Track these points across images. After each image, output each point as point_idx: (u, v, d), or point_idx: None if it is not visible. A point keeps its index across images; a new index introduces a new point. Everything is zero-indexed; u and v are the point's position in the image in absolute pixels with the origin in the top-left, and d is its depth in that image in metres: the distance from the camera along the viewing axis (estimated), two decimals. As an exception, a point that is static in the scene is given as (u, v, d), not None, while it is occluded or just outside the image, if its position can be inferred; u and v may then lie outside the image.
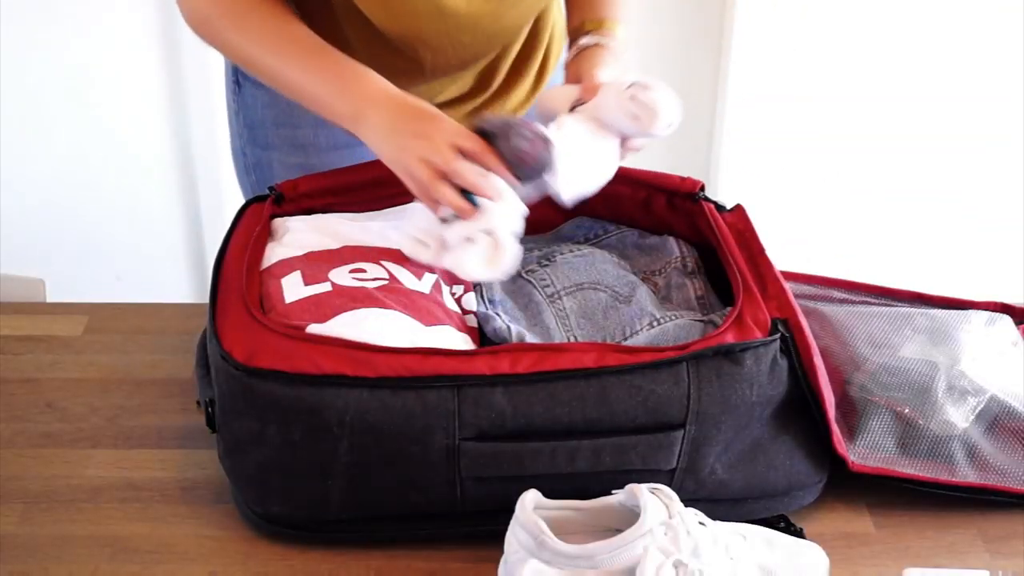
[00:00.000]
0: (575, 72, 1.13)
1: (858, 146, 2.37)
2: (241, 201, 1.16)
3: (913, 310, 1.15)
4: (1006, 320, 1.16)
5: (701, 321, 1.02)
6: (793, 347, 0.94)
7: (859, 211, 2.44)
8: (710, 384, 0.91)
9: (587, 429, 0.90)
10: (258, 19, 1.06)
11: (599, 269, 1.10)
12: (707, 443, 0.92)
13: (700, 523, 0.85)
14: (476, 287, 1.07)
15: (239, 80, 1.30)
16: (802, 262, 1.27)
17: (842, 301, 1.20)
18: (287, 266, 1.02)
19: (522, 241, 1.04)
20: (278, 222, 1.11)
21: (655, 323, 1.02)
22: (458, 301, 1.06)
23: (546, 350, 0.92)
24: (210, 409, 0.94)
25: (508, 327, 1.01)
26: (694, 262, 1.14)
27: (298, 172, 1.22)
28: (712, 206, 1.13)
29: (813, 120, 2.35)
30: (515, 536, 0.84)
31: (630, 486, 0.85)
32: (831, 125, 2.35)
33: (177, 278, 2.46)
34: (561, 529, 0.84)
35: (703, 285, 1.11)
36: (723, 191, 2.39)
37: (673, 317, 1.03)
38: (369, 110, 1.02)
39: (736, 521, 0.91)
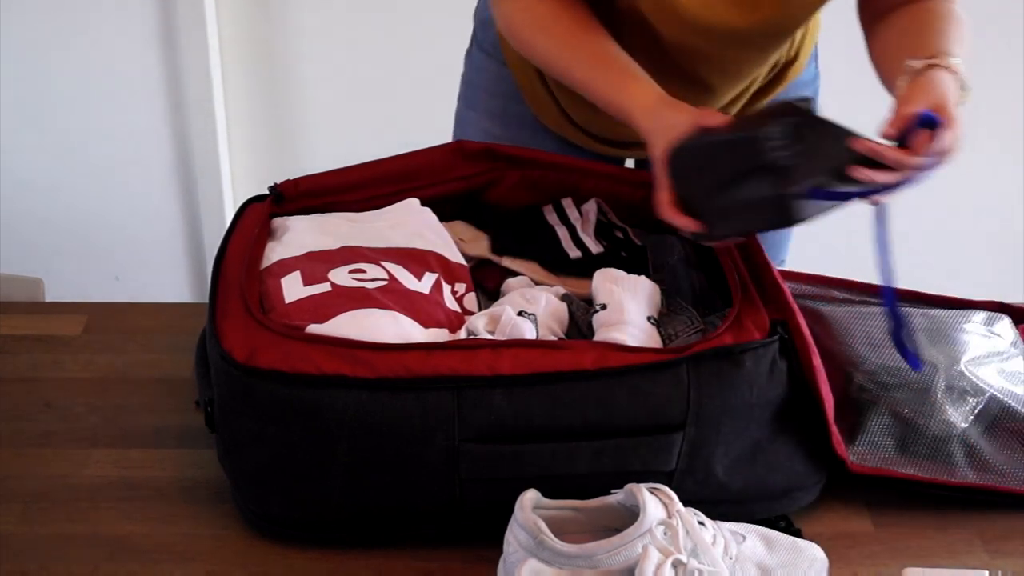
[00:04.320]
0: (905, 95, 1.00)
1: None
2: (239, 200, 1.17)
3: (912, 310, 1.15)
4: (1005, 320, 1.16)
5: (700, 331, 1.02)
6: (792, 348, 0.94)
7: (859, 211, 2.43)
8: (709, 386, 0.91)
9: (587, 431, 0.90)
10: (563, 28, 1.15)
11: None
12: (706, 445, 0.92)
13: (699, 523, 0.85)
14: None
15: (473, 40, 1.40)
16: (802, 262, 1.27)
17: (842, 301, 1.20)
18: (287, 266, 1.02)
19: None
20: (278, 221, 1.11)
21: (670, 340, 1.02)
22: (459, 300, 1.06)
23: (546, 347, 0.92)
24: (210, 409, 0.94)
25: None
26: (695, 258, 1.14)
27: (481, 135, 1.34)
28: (711, 206, 1.13)
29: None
30: (514, 536, 0.84)
31: (629, 486, 0.85)
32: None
33: (177, 278, 2.47)
34: (560, 529, 0.84)
35: (703, 280, 1.11)
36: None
37: (675, 336, 1.03)
38: (636, 113, 1.10)
39: (736, 522, 0.91)
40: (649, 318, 1.02)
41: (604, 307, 1.02)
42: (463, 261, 1.10)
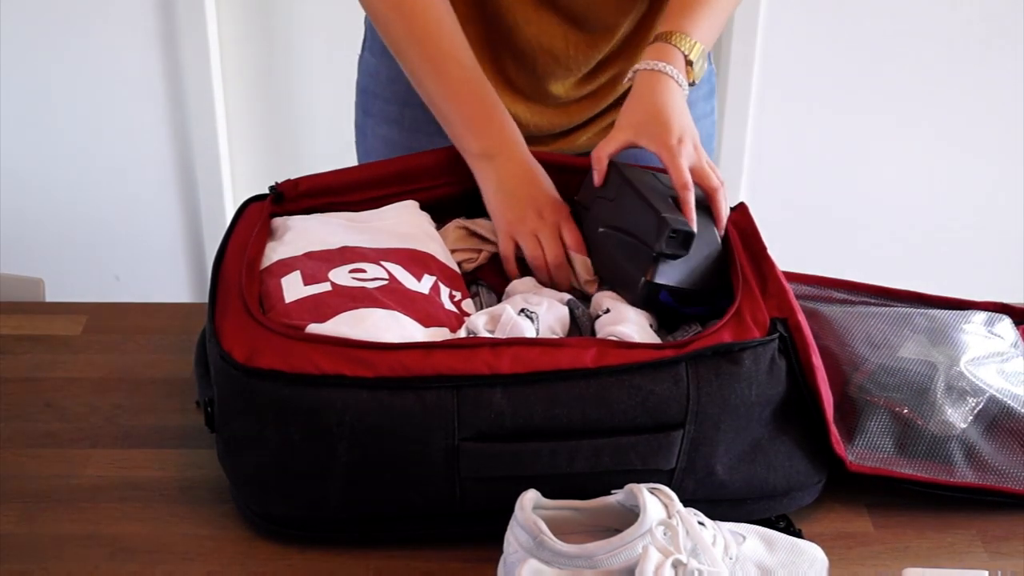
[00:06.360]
0: (620, 116, 1.09)
1: (859, 146, 2.38)
2: (239, 200, 1.17)
3: (912, 310, 1.15)
4: (1005, 320, 1.16)
5: (698, 332, 1.02)
6: (792, 347, 0.94)
7: (859, 211, 2.44)
8: (709, 384, 0.91)
9: (586, 429, 0.90)
10: (423, 23, 1.13)
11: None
12: (706, 443, 0.92)
13: (699, 523, 0.85)
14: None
15: (364, 44, 1.37)
16: (802, 262, 1.27)
17: (842, 301, 1.20)
18: (287, 266, 1.02)
19: None
20: (278, 221, 1.11)
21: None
22: (457, 305, 1.06)
23: (546, 346, 0.92)
24: (209, 409, 0.94)
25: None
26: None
27: (383, 144, 1.31)
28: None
29: (814, 119, 2.35)
30: (514, 536, 0.84)
31: (629, 486, 0.85)
32: (832, 124, 2.35)
33: (176, 278, 2.47)
34: (560, 529, 0.84)
35: None
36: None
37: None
38: (494, 157, 1.12)
39: (736, 522, 0.91)
40: (650, 325, 1.02)
41: (608, 311, 1.02)
42: (457, 270, 1.11)
